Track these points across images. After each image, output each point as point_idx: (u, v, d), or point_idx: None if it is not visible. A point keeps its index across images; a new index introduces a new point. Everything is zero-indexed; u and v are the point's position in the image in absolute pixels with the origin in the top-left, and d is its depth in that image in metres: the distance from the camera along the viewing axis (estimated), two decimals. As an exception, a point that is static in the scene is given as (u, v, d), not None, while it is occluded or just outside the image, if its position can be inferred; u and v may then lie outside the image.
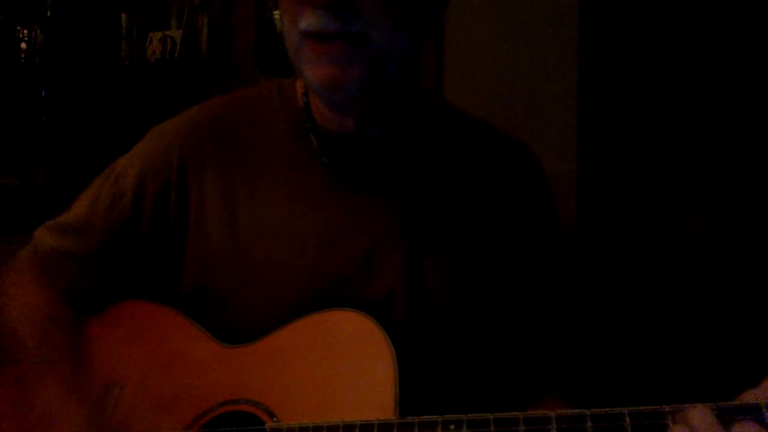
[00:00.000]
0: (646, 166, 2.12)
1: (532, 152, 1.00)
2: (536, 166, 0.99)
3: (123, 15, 2.57)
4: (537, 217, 0.95)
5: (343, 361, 0.80)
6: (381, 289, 0.86)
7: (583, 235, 1.98)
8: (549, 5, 2.00)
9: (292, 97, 0.94)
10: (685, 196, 2.11)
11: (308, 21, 0.78)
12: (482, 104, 1.96)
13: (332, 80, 0.79)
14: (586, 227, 2.00)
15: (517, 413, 0.71)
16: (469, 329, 0.88)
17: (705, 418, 0.65)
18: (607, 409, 0.69)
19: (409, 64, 0.88)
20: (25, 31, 2.63)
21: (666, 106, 2.12)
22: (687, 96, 2.10)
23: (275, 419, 0.79)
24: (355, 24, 0.78)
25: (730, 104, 2.07)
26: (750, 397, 0.68)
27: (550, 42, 1.99)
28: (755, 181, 2.04)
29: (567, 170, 1.95)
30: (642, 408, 0.69)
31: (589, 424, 0.69)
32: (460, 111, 1.00)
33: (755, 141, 2.04)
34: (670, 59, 2.10)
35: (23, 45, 2.63)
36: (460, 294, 0.88)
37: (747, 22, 2.05)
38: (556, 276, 0.95)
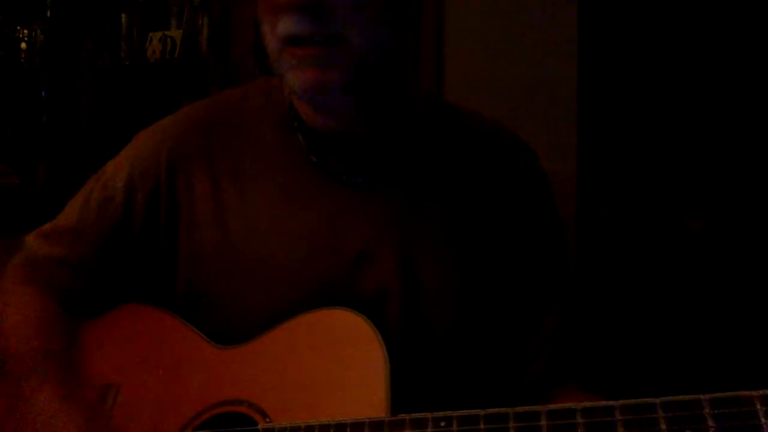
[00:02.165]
0: (646, 167, 2.12)
1: (525, 143, 0.99)
2: (529, 156, 0.98)
3: (123, 15, 2.57)
4: (531, 208, 0.94)
5: (335, 360, 0.80)
6: (373, 288, 0.86)
7: (583, 235, 1.98)
8: (549, 5, 2.00)
9: (279, 95, 0.95)
10: (684, 197, 2.12)
11: (285, 26, 0.78)
12: (482, 104, 1.95)
13: (315, 83, 0.80)
14: (586, 227, 2.00)
15: (506, 409, 0.71)
16: (464, 327, 0.88)
17: None
18: (597, 403, 0.69)
19: (393, 59, 0.88)
20: (25, 31, 2.63)
21: (665, 107, 2.12)
22: (686, 96, 2.11)
23: (268, 419, 0.79)
24: (329, 26, 0.78)
25: (730, 104, 2.07)
26: None
27: (550, 42, 1.99)
28: (754, 181, 2.04)
29: (567, 170, 1.95)
30: (631, 401, 0.67)
31: (580, 418, 0.68)
32: (450, 105, 0.99)
33: (754, 141, 2.04)
34: (670, 59, 2.10)
35: (23, 45, 2.63)
36: (453, 291, 0.88)
37: (746, 23, 2.05)
38: (555, 270, 0.95)
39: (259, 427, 0.79)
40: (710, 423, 0.65)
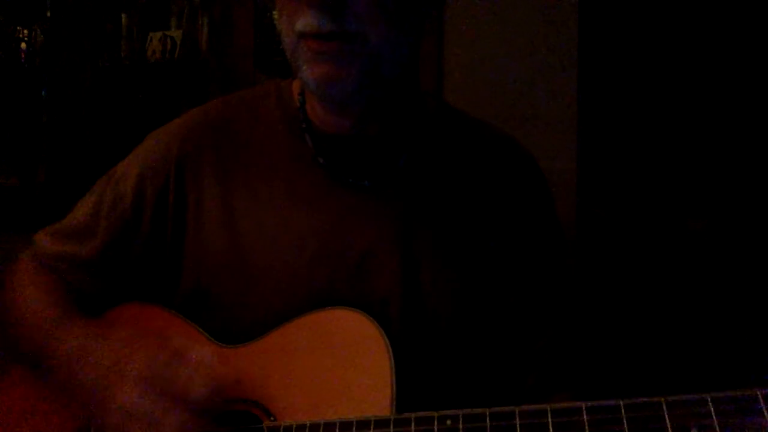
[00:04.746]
0: (646, 166, 2.12)
1: (528, 151, 1.00)
2: (532, 164, 0.99)
3: (123, 15, 2.57)
4: (534, 215, 0.95)
5: (340, 360, 0.80)
6: (377, 290, 0.86)
7: (583, 235, 1.98)
8: (549, 5, 2.00)
9: (289, 97, 0.95)
10: (684, 196, 2.11)
11: (305, 22, 0.79)
12: (482, 104, 1.96)
13: (329, 78, 0.80)
14: (586, 227, 2.00)
15: (512, 407, 0.71)
16: (466, 330, 0.88)
17: None
18: (602, 402, 0.69)
19: (407, 63, 0.88)
20: (25, 31, 2.62)
21: (665, 106, 2.12)
22: (686, 96, 2.11)
23: (272, 418, 0.80)
24: (350, 24, 0.78)
25: (730, 104, 2.07)
26: None
27: (550, 42, 1.99)
28: (754, 180, 2.04)
29: (567, 170, 1.95)
30: (636, 400, 0.68)
31: (585, 416, 0.69)
32: (457, 111, 1.00)
33: (755, 141, 2.04)
34: (670, 59, 2.10)
35: (23, 45, 2.62)
36: (456, 295, 0.88)
37: (747, 22, 2.05)
38: (555, 275, 0.95)
39: (264, 425, 0.79)
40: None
